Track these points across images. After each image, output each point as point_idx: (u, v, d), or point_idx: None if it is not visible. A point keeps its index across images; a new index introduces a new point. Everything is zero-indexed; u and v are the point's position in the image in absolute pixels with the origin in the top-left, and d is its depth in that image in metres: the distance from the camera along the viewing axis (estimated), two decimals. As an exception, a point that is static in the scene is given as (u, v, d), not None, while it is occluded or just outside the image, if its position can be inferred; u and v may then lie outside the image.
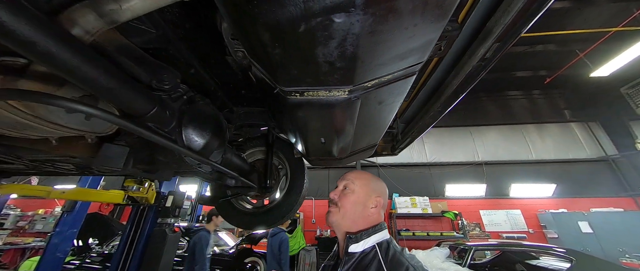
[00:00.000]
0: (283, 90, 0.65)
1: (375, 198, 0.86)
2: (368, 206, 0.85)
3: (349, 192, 0.87)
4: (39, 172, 1.88)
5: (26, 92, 0.44)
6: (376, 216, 0.85)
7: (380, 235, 0.80)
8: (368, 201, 0.85)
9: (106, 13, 0.65)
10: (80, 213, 3.64)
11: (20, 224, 8.74)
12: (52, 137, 0.85)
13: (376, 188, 0.89)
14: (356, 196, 0.86)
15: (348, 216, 0.84)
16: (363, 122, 0.88)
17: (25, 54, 0.45)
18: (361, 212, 0.84)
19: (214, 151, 0.93)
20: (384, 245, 0.77)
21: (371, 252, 0.76)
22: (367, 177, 0.91)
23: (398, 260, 0.72)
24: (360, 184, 0.88)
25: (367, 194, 0.86)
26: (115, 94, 0.58)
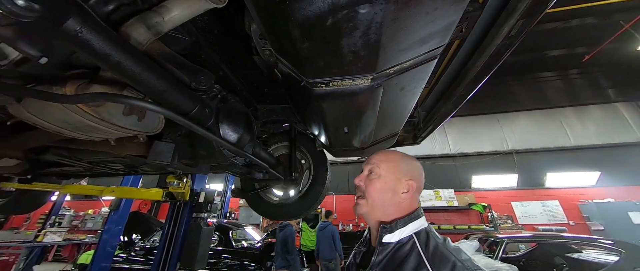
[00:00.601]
0: (309, 82, 0.70)
1: (407, 182, 0.75)
2: (398, 192, 0.75)
3: (374, 177, 0.78)
4: (94, 173, 2.13)
5: (118, 96, 0.53)
6: (410, 201, 0.76)
7: (417, 223, 0.72)
8: (398, 186, 0.75)
9: (153, 25, 0.74)
10: (124, 211, 4.05)
11: (74, 223, 9.89)
12: (111, 138, 0.98)
13: (407, 169, 0.78)
14: (383, 182, 0.77)
15: (377, 205, 0.76)
16: (385, 110, 0.90)
17: (101, 64, 0.54)
18: (391, 199, 0.75)
19: (245, 145, 1.02)
20: (423, 235, 0.69)
21: (408, 242, 0.69)
22: (395, 158, 0.80)
23: (442, 254, 0.64)
24: (387, 168, 0.78)
25: (396, 178, 0.76)
26: (167, 95, 0.67)
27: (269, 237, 6.11)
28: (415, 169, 0.80)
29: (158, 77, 0.64)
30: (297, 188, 1.81)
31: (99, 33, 0.49)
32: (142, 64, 0.58)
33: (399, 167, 0.78)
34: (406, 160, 0.81)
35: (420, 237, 0.69)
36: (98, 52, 0.50)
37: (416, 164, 0.82)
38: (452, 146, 9.11)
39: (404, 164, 0.79)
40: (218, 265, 5.18)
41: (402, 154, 0.83)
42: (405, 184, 0.75)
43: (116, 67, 0.53)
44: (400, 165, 0.79)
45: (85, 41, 0.47)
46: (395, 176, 0.77)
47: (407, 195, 0.75)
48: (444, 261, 0.61)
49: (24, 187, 2.02)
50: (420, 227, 0.72)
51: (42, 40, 0.37)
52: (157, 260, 2.81)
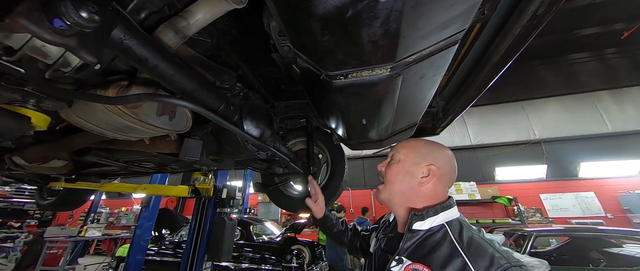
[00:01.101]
0: (328, 75, 0.72)
1: (427, 166, 0.73)
2: (416, 176, 0.74)
3: (393, 162, 0.78)
4: (128, 172, 2.32)
5: (159, 95, 0.59)
6: (434, 188, 0.73)
7: (449, 213, 0.70)
8: (416, 170, 0.74)
9: (180, 29, 0.79)
10: (154, 208, 4.36)
11: (110, 220, 10.75)
12: (146, 137, 1.07)
13: (428, 153, 0.76)
14: (400, 166, 0.76)
15: (395, 190, 0.76)
16: (404, 100, 0.90)
17: (140, 67, 0.60)
18: (409, 184, 0.74)
19: (267, 139, 1.06)
20: (456, 224, 0.67)
21: (440, 231, 0.67)
22: (416, 143, 0.79)
23: (478, 244, 0.60)
24: (406, 152, 0.77)
25: (414, 162, 0.75)
26: (197, 94, 0.72)
27: (288, 232, 6.28)
28: (440, 155, 0.77)
29: (189, 77, 0.69)
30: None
31: (139, 39, 0.54)
32: (174, 66, 0.63)
33: (420, 151, 0.77)
34: (429, 146, 0.79)
35: (453, 226, 0.67)
36: (138, 57, 0.56)
37: (441, 151, 0.79)
38: (473, 137, 8.72)
39: (426, 149, 0.77)
40: (241, 257, 5.43)
41: (426, 141, 0.81)
42: (425, 169, 0.74)
43: (153, 69, 0.58)
44: (422, 149, 0.77)
45: (128, 47, 0.52)
46: (414, 160, 0.76)
47: (427, 180, 0.73)
48: (481, 252, 0.58)
49: (70, 186, 2.24)
50: (452, 217, 0.70)
51: (96, 48, 0.42)
52: (187, 253, 3.01)
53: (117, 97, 0.56)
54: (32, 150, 1.31)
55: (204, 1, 0.80)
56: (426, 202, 0.73)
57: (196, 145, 0.97)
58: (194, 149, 0.96)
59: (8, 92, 0.65)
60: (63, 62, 0.46)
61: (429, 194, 0.74)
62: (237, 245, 5.44)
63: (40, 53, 0.42)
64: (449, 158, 0.79)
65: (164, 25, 0.76)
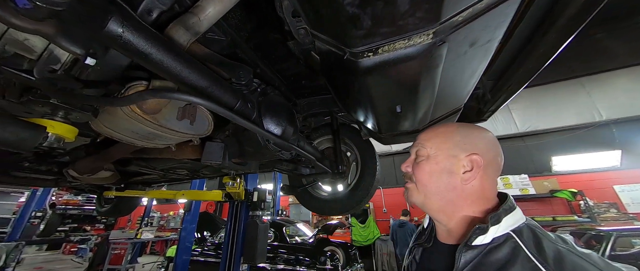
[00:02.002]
0: (353, 53, 0.60)
1: (467, 158, 0.58)
2: (457, 172, 0.58)
3: (422, 159, 0.63)
4: (167, 179, 2.46)
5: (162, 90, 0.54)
6: (481, 184, 0.58)
7: (514, 217, 0.54)
8: (455, 165, 0.59)
9: (191, 26, 0.75)
10: (195, 212, 4.66)
11: (161, 223, 11.93)
12: (172, 144, 1.07)
13: (465, 140, 0.61)
14: (433, 163, 0.61)
15: (431, 192, 0.61)
16: (448, 77, 0.74)
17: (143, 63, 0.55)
18: (449, 183, 0.59)
19: (290, 137, 0.98)
20: (527, 233, 0.51)
21: (505, 244, 0.51)
22: (446, 130, 0.64)
23: (574, 265, 0.45)
24: (436, 144, 0.62)
25: (449, 155, 0.60)
26: (210, 91, 0.66)
27: (320, 233, 6.24)
28: (481, 139, 0.61)
29: (199, 73, 0.63)
30: (345, 182, 1.73)
31: (140, 32, 0.49)
32: (183, 62, 0.58)
33: (453, 140, 0.62)
34: (464, 130, 0.64)
35: (524, 236, 0.50)
36: (140, 52, 0.50)
37: (482, 134, 0.63)
38: (520, 124, 7.71)
39: (460, 136, 0.62)
40: (276, 258, 5.54)
41: (457, 125, 0.66)
42: (466, 161, 0.58)
43: (158, 65, 0.53)
44: (454, 137, 0.62)
45: (127, 42, 0.47)
46: (449, 152, 0.61)
47: (471, 175, 0.58)
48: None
49: (120, 194, 2.46)
50: (518, 222, 0.54)
51: (83, 38, 0.37)
52: (224, 255, 3.12)
53: (121, 98, 0.52)
54: (81, 163, 1.42)
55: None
56: (476, 204, 0.58)
57: (217, 148, 0.93)
58: (216, 152, 0.92)
59: (38, 106, 0.65)
60: (50, 58, 0.42)
61: (477, 193, 0.59)
62: (271, 246, 5.55)
63: (23, 47, 0.39)
64: (492, 140, 0.63)
65: (174, 23, 0.72)
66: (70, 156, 1.49)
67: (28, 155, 1.58)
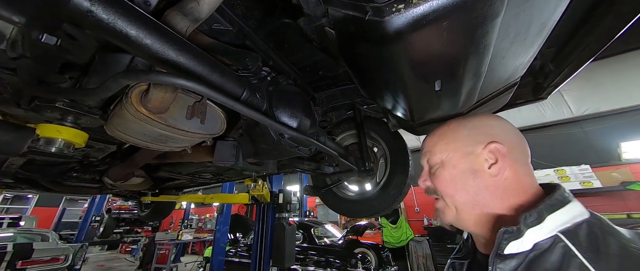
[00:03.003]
0: (377, 9, 0.46)
1: (486, 148, 0.51)
2: (481, 169, 0.51)
3: (437, 168, 0.56)
4: (196, 183, 2.53)
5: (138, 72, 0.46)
6: (515, 174, 0.49)
7: (566, 214, 0.42)
8: (475, 162, 0.52)
9: (189, 12, 0.67)
10: (226, 214, 4.83)
11: (199, 225, 12.78)
12: (187, 146, 1.02)
13: (475, 131, 0.54)
14: (450, 167, 0.54)
15: (462, 203, 0.52)
16: (508, 35, 0.55)
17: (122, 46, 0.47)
18: (477, 185, 0.51)
19: (306, 131, 0.86)
20: (585, 234, 0.39)
21: (552, 249, 0.39)
22: (449, 128, 0.59)
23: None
24: (443, 147, 0.56)
25: (464, 153, 0.53)
26: (212, 79, 0.57)
27: (349, 234, 6.05)
28: (493, 125, 0.56)
29: (196, 59, 0.54)
30: (373, 180, 1.56)
31: (114, 8, 0.41)
32: (174, 44, 0.49)
33: (460, 136, 0.56)
34: (468, 122, 0.58)
35: (579, 237, 0.39)
36: (117, 32, 0.42)
37: (491, 120, 0.58)
38: (575, 107, 6.66)
39: (467, 129, 0.56)
40: (306, 260, 5.49)
41: (458, 120, 0.61)
42: (486, 153, 0.51)
43: (142, 48, 0.45)
44: (461, 132, 0.56)
45: (98, 20, 0.39)
46: (462, 150, 0.54)
47: (499, 167, 0.50)
48: None
49: (155, 199, 2.59)
50: (574, 219, 0.42)
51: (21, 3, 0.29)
52: (254, 257, 3.13)
53: (98, 88, 0.45)
54: (113, 171, 1.48)
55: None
56: (514, 198, 0.49)
57: (228, 147, 0.85)
58: (227, 151, 0.84)
59: (48, 112, 0.62)
60: None
61: (513, 186, 0.50)
62: (301, 248, 5.53)
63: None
64: (505, 123, 0.57)
65: (170, 10, 0.65)
66: (104, 164, 1.57)
67: (75, 165, 1.70)
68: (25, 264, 4.41)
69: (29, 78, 0.43)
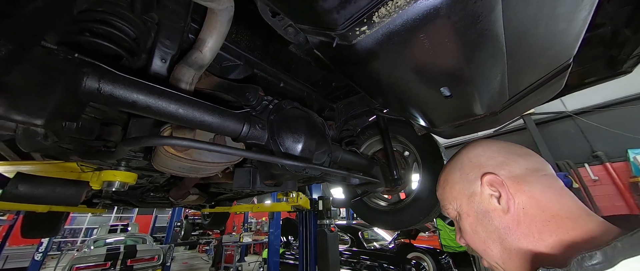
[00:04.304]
0: (342, 36, 0.43)
1: (482, 185, 0.45)
2: (493, 208, 0.43)
3: (459, 223, 0.50)
4: (241, 195, 2.80)
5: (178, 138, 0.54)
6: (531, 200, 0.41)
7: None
8: (483, 202, 0.45)
9: (193, 62, 0.75)
10: (277, 219, 5.17)
11: (258, 228, 14.00)
12: (217, 172, 1.14)
13: (466, 171, 0.49)
14: (466, 219, 0.48)
15: (498, 258, 0.44)
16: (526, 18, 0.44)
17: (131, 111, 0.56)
18: (497, 228, 0.43)
19: (315, 152, 0.86)
20: None
21: None
22: (445, 176, 0.54)
23: None
24: (449, 198, 0.51)
25: (467, 195, 0.47)
26: (208, 123, 0.63)
27: (401, 237, 5.69)
28: (478, 155, 0.49)
29: (194, 109, 0.61)
30: (405, 188, 1.44)
31: (120, 83, 0.49)
32: (172, 100, 0.56)
33: (455, 177, 0.51)
34: (457, 159, 0.53)
35: None
36: (126, 102, 0.51)
37: (474, 150, 0.51)
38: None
39: (458, 169, 0.51)
40: (358, 265, 5.37)
41: (452, 158, 0.56)
42: (486, 188, 0.45)
43: (147, 110, 0.53)
44: (454, 173, 0.51)
45: (109, 95, 0.47)
46: (464, 193, 0.48)
47: (506, 199, 0.42)
48: None
49: (211, 210, 2.97)
50: None
51: (51, 106, 0.38)
52: (301, 264, 3.25)
53: (114, 151, 0.54)
54: (172, 192, 1.76)
55: (206, 24, 0.73)
56: (550, 229, 0.38)
57: (244, 174, 0.91)
58: (243, 178, 0.91)
59: (107, 160, 0.79)
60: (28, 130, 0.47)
61: (538, 215, 0.40)
62: (351, 252, 5.46)
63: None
64: (489, 146, 0.51)
65: (178, 64, 0.74)
66: (166, 186, 1.88)
67: (150, 187, 2.10)
68: (132, 262, 5.60)
69: (76, 148, 0.57)
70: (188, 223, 10.83)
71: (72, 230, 12.22)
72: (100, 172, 0.84)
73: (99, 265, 5.16)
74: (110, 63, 0.57)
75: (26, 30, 0.36)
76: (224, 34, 0.76)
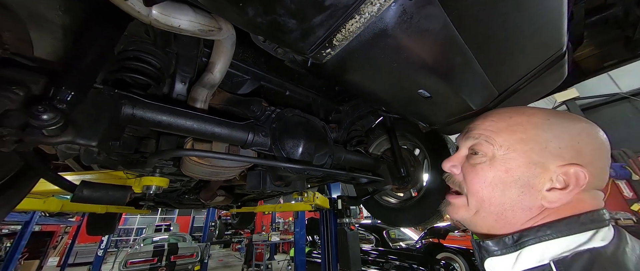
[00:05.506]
0: (314, 56, 0.51)
1: (561, 168, 0.37)
2: (538, 188, 0.38)
3: (482, 161, 0.42)
4: (264, 196, 2.99)
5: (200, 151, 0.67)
6: (576, 205, 0.38)
7: (573, 240, 0.35)
8: (537, 178, 0.38)
9: (206, 82, 0.89)
10: (301, 219, 5.32)
11: (285, 227, 14.46)
12: (234, 175, 1.29)
13: (561, 143, 0.38)
14: (501, 170, 0.40)
15: (488, 212, 0.42)
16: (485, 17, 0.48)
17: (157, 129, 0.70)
18: (519, 201, 0.39)
19: (315, 155, 0.94)
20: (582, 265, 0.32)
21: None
22: (530, 120, 0.41)
23: None
24: (509, 141, 0.41)
25: (531, 161, 0.39)
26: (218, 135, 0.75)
27: (428, 237, 5.48)
28: (588, 140, 0.39)
29: (205, 123, 0.73)
30: (416, 185, 1.45)
31: (147, 108, 0.63)
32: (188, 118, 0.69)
33: (541, 138, 0.39)
34: (559, 122, 0.40)
35: (572, 269, 0.33)
36: (153, 122, 0.65)
37: (589, 131, 0.40)
38: None
39: (553, 133, 0.39)
40: (386, 265, 5.30)
41: (548, 113, 0.42)
42: (558, 174, 0.38)
43: (169, 127, 0.66)
44: (544, 134, 0.39)
45: (140, 118, 0.62)
46: (531, 156, 0.39)
47: (562, 195, 0.37)
48: None
49: (237, 210, 3.21)
50: (579, 247, 0.34)
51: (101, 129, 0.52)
52: (323, 262, 3.34)
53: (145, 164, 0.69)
54: (201, 193, 1.98)
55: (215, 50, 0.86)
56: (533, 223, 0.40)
57: (255, 176, 1.03)
58: (254, 179, 1.03)
59: (144, 169, 0.97)
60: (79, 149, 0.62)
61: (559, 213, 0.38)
62: (379, 252, 5.41)
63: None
64: (602, 141, 0.40)
65: (194, 86, 0.88)
66: (197, 188, 2.11)
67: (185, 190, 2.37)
68: (175, 258, 6.21)
69: (120, 160, 0.74)
70: (221, 223, 11.62)
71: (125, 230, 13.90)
72: (141, 178, 1.03)
73: (148, 260, 5.84)
74: (142, 89, 0.73)
75: (86, 78, 0.50)
76: (230, 56, 0.89)
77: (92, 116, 0.51)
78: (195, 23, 0.59)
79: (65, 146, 0.57)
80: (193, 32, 0.62)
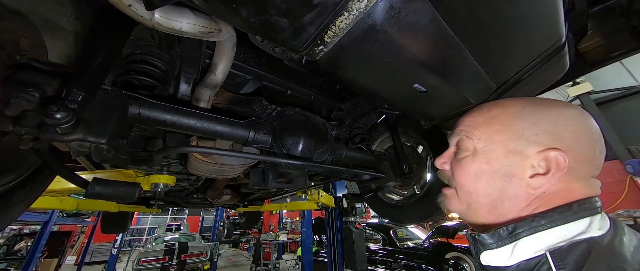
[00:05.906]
0: (308, 54, 0.52)
1: (540, 154, 0.39)
2: (520, 176, 0.40)
3: (465, 156, 0.45)
4: (271, 195, 3.03)
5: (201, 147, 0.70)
6: (560, 190, 0.38)
7: (569, 229, 0.36)
8: (517, 166, 0.40)
9: (209, 83, 0.92)
10: (308, 218, 5.36)
11: (292, 227, 14.55)
12: (238, 174, 1.32)
13: (537, 128, 0.40)
14: (482, 161, 0.43)
15: (478, 204, 0.44)
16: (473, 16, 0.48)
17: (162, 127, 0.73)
18: (504, 191, 0.41)
19: (315, 151, 0.96)
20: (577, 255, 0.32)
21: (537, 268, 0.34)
22: (505, 112, 0.44)
23: None
24: (487, 134, 0.43)
25: (509, 150, 0.41)
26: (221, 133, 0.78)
27: (436, 236, 5.41)
28: (566, 123, 0.40)
29: (208, 122, 0.76)
30: (419, 182, 1.45)
31: (152, 108, 0.66)
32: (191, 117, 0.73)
33: (515, 127, 0.42)
34: (534, 109, 0.42)
35: (567, 258, 0.33)
36: (159, 121, 0.68)
37: (567, 113, 0.41)
38: None
39: (528, 121, 0.41)
40: (394, 264, 5.26)
41: (523, 101, 0.44)
42: (538, 160, 0.39)
43: (173, 125, 0.70)
44: (518, 123, 0.42)
45: (146, 118, 0.65)
46: (508, 146, 0.41)
47: (544, 181, 0.38)
48: None
49: (244, 209, 3.26)
50: (574, 237, 0.35)
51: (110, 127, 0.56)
52: (329, 261, 3.36)
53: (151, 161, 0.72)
54: (208, 192, 2.03)
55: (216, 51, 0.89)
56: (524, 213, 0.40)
57: (258, 174, 1.06)
58: (257, 177, 1.05)
59: (154, 167, 1.01)
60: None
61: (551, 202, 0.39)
62: (387, 251, 5.38)
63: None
64: (584, 122, 0.41)
65: (198, 86, 0.92)
66: (203, 188, 2.17)
67: (192, 189, 2.44)
68: (185, 257, 6.37)
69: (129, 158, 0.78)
70: (230, 222, 11.80)
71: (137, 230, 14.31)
72: (149, 176, 1.07)
73: (160, 258, 6.02)
74: (148, 90, 0.77)
75: (95, 80, 0.54)
76: (232, 57, 0.91)
77: (101, 115, 0.54)
78: (196, 25, 0.61)
79: (77, 143, 0.61)
80: (194, 34, 0.65)
